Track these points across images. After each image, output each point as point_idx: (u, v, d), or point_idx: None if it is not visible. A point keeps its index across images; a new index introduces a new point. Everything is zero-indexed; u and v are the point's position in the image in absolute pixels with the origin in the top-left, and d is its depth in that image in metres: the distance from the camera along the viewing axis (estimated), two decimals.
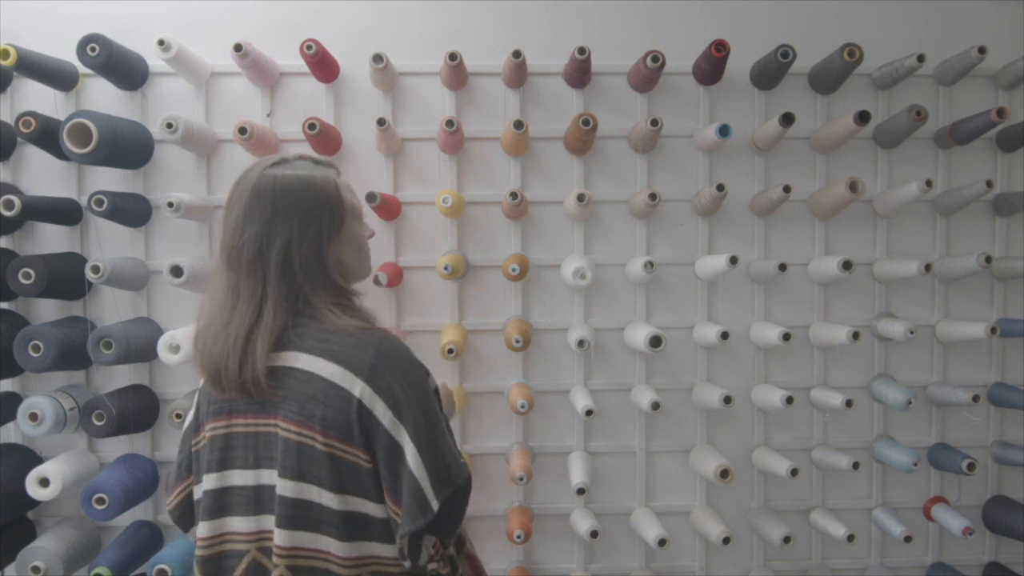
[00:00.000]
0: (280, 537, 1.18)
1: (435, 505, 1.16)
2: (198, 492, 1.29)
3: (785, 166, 2.30)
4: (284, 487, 1.18)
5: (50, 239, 2.21)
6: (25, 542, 2.08)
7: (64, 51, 2.09)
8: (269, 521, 1.21)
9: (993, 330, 2.12)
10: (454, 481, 1.21)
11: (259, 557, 1.22)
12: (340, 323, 1.21)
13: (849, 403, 2.13)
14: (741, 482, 2.30)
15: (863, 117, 2.04)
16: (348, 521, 1.18)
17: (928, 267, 2.10)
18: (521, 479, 2.07)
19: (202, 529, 1.25)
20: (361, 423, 1.17)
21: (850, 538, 2.15)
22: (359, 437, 1.17)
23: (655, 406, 2.09)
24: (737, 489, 2.31)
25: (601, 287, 2.29)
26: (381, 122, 2.09)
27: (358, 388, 1.16)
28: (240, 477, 1.23)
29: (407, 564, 1.20)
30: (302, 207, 1.23)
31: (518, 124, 2.08)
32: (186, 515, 1.34)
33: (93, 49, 2.00)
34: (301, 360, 1.19)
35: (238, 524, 1.23)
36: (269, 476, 1.21)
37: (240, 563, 1.22)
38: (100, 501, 1.97)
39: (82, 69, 2.15)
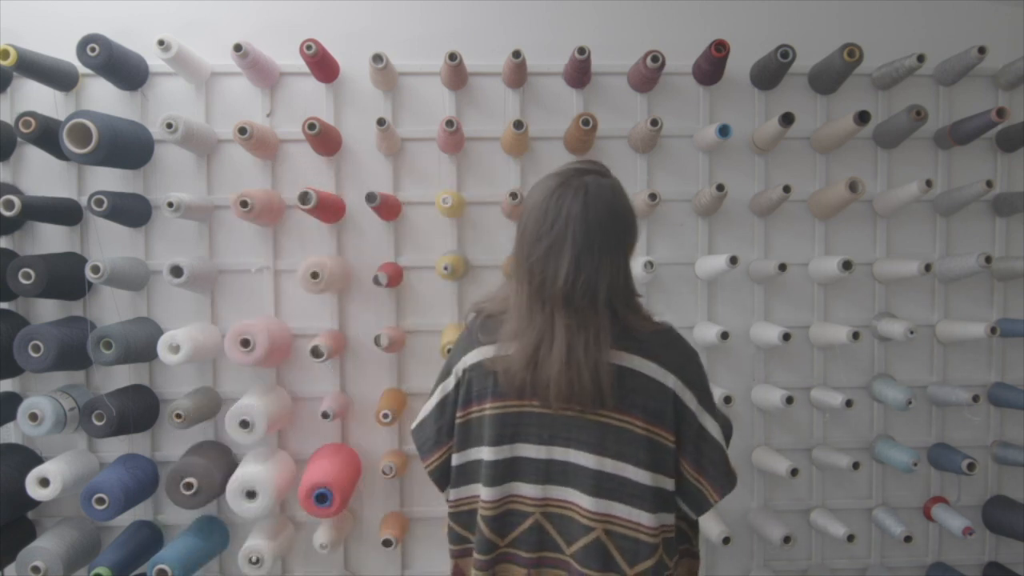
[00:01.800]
0: (591, 504, 1.30)
1: (734, 476, 1.39)
2: (460, 459, 1.39)
3: (785, 166, 2.30)
4: (602, 463, 1.30)
5: (50, 239, 2.21)
6: (25, 542, 2.08)
7: (64, 51, 2.09)
8: (555, 491, 1.33)
9: (993, 330, 2.12)
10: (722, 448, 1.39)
11: (542, 520, 1.35)
12: (645, 326, 1.34)
13: (849, 403, 2.13)
14: (741, 482, 2.27)
15: (863, 117, 2.04)
16: (656, 496, 1.31)
17: (928, 267, 2.10)
18: None
19: (487, 493, 1.35)
20: (676, 410, 1.31)
21: (850, 538, 2.15)
22: (671, 422, 1.31)
23: None
24: (737, 489, 2.28)
25: None
26: (381, 122, 2.09)
27: (671, 381, 1.31)
28: (532, 451, 1.34)
29: (693, 516, 1.41)
30: (616, 232, 1.34)
31: (518, 124, 2.08)
32: (444, 477, 1.44)
33: (93, 49, 2.00)
34: (621, 357, 1.29)
35: (526, 490, 1.34)
36: (563, 453, 1.32)
37: (524, 522, 1.35)
38: (100, 501, 1.97)
39: (82, 69, 2.15)
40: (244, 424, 2.01)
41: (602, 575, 1.31)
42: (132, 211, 2.13)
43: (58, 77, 2.11)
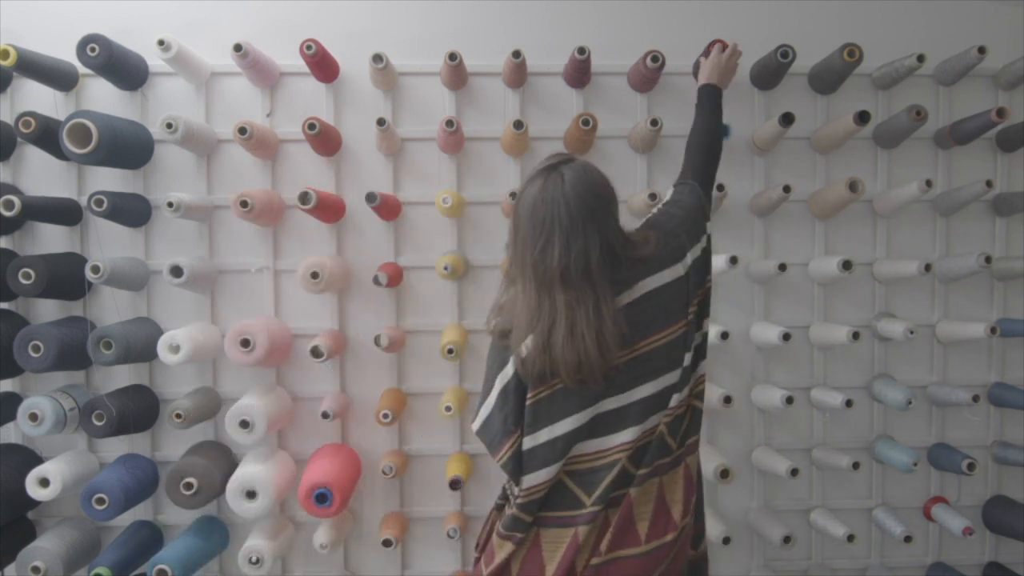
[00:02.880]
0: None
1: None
2: (532, 442, 1.42)
3: (785, 166, 2.30)
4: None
5: (50, 239, 2.21)
6: (25, 542, 2.08)
7: (64, 51, 2.09)
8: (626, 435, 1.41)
9: (993, 330, 2.12)
10: None
11: (627, 465, 1.41)
12: (641, 251, 1.41)
13: (849, 403, 2.13)
14: (741, 482, 2.29)
15: (863, 117, 2.04)
16: (690, 363, 1.46)
17: (928, 267, 2.10)
18: None
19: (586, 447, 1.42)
20: (697, 267, 1.46)
21: (850, 538, 2.15)
22: (698, 306, 1.46)
23: None
24: (737, 489, 2.31)
25: None
26: (381, 122, 2.09)
27: (681, 266, 1.42)
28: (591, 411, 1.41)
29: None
30: (595, 213, 1.39)
31: (518, 124, 2.08)
32: (518, 467, 1.44)
33: (93, 49, 2.00)
34: (634, 291, 1.39)
35: (609, 441, 1.41)
36: (614, 401, 1.41)
37: (611, 472, 1.41)
38: (100, 501, 1.97)
39: (82, 69, 2.15)
40: (244, 424, 2.01)
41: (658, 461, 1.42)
42: (132, 211, 2.13)
43: (58, 77, 2.11)
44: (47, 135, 2.01)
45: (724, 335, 2.09)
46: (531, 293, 1.35)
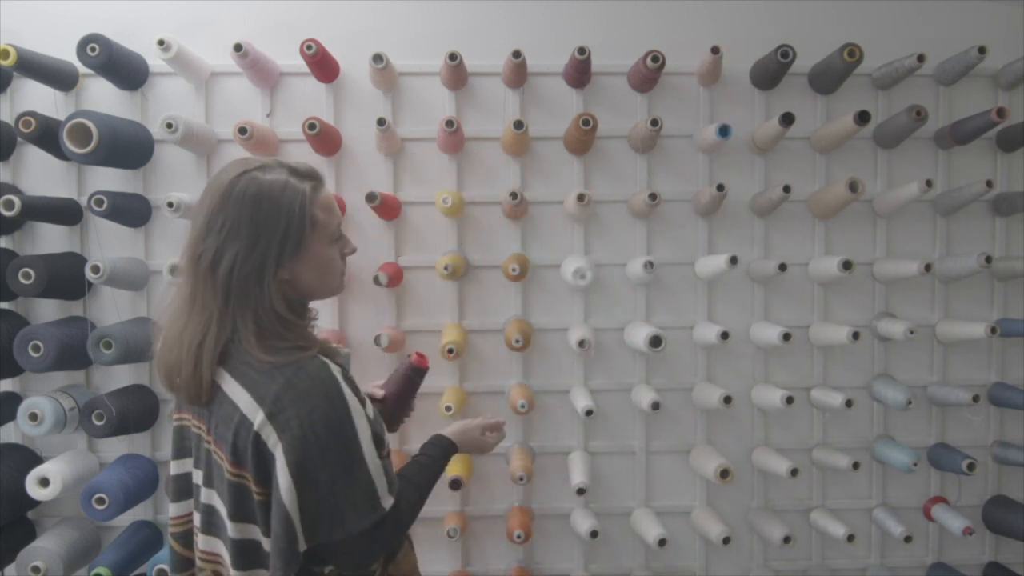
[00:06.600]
0: (200, 541, 1.24)
1: (301, 547, 1.13)
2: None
3: (785, 166, 2.30)
4: (204, 494, 1.23)
5: (50, 239, 2.21)
6: (25, 542, 2.08)
7: (64, 51, 2.09)
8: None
9: (993, 330, 2.12)
10: (345, 528, 1.15)
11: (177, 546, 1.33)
12: (256, 355, 1.16)
13: (849, 403, 2.13)
14: (741, 482, 2.29)
15: (863, 117, 2.04)
16: (241, 550, 1.18)
17: (928, 267, 2.10)
18: (521, 479, 2.07)
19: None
20: (257, 454, 1.14)
21: (850, 538, 2.15)
22: (253, 467, 1.14)
23: (655, 406, 2.09)
24: (737, 489, 2.31)
25: (601, 287, 2.29)
26: (381, 122, 2.09)
27: (259, 419, 1.13)
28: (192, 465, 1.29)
29: None
30: (256, 223, 1.17)
31: (518, 124, 2.08)
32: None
33: (93, 49, 2.00)
34: (225, 379, 1.18)
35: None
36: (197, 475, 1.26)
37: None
38: (100, 501, 1.97)
39: (82, 69, 2.15)
40: None
41: None
42: (132, 211, 2.13)
43: (58, 77, 2.11)
44: (47, 135, 2.01)
45: (724, 335, 2.09)
46: None
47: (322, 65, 2.14)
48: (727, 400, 2.09)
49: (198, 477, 1.26)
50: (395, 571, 1.32)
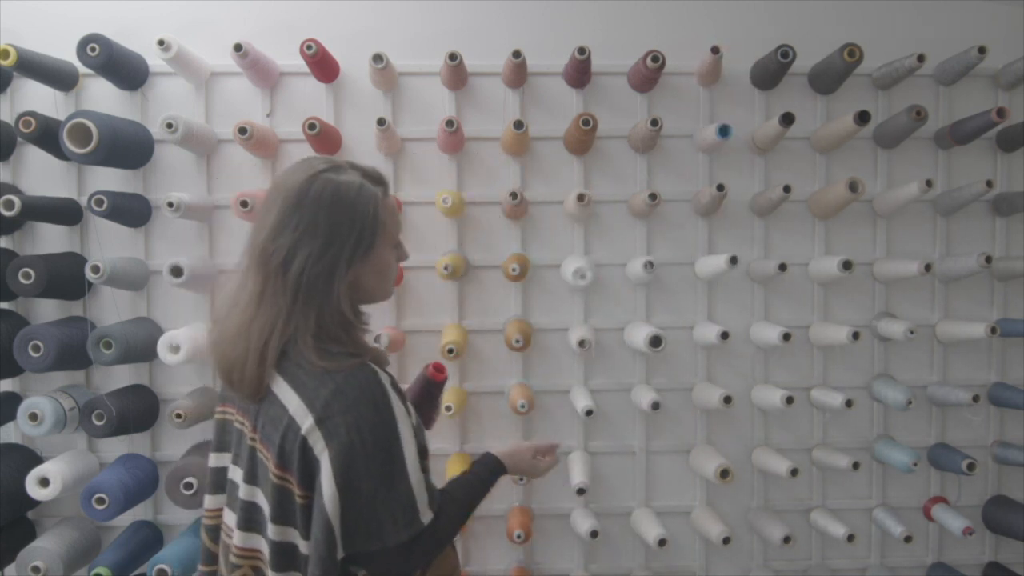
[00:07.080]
0: (237, 538, 1.23)
1: (339, 554, 1.14)
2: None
3: (785, 166, 2.30)
4: (244, 491, 1.22)
5: (50, 239, 2.21)
6: (25, 542, 2.08)
7: (64, 51, 2.09)
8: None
9: (993, 330, 2.12)
10: (382, 539, 1.16)
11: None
12: (310, 357, 1.17)
13: (849, 403, 2.13)
14: (741, 482, 2.29)
15: (863, 117, 2.04)
16: (279, 552, 1.17)
17: (928, 267, 2.10)
18: (521, 479, 2.07)
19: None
20: (303, 459, 1.14)
21: (850, 538, 2.15)
22: (298, 472, 1.15)
23: (655, 406, 2.09)
24: (737, 489, 2.31)
25: (601, 287, 2.29)
26: (381, 122, 2.09)
27: (307, 424, 1.14)
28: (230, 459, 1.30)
29: None
30: (332, 224, 1.17)
31: (518, 124, 2.08)
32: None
33: (93, 49, 2.00)
34: (276, 381, 1.19)
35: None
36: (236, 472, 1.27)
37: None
38: (100, 501, 1.97)
39: (82, 69, 2.15)
40: None
41: None
42: (132, 211, 2.13)
43: (58, 77, 2.11)
44: (47, 135, 2.01)
45: (724, 335, 2.09)
46: None
47: (322, 65, 2.14)
48: (727, 400, 2.09)
49: (236, 474, 1.25)
50: (435, 572, 1.32)
